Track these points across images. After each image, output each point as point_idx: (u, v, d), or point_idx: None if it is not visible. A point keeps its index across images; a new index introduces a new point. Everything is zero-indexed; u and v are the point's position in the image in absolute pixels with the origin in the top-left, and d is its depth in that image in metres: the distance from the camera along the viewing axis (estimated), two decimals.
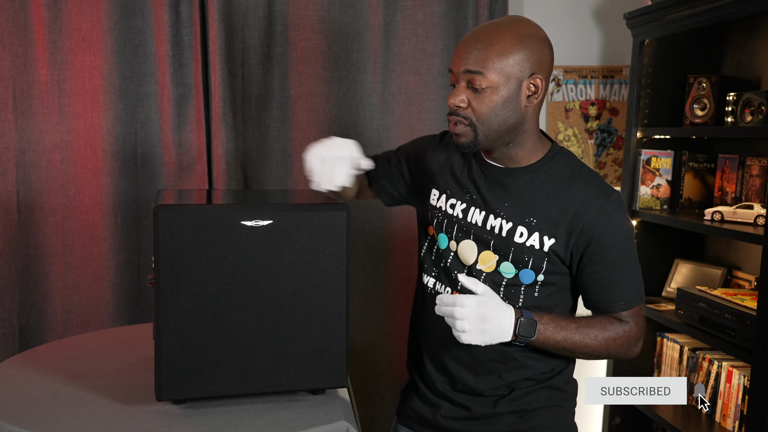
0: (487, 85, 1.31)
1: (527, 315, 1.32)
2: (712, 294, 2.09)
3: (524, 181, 1.39)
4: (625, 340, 1.39)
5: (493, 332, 1.29)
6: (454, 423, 1.48)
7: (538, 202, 1.37)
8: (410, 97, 2.41)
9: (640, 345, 1.42)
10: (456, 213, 1.45)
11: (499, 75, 1.31)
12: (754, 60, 2.28)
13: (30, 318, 2.28)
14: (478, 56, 1.31)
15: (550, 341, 1.34)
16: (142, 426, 1.22)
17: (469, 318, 1.27)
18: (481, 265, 1.41)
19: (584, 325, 1.37)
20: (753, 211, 2.04)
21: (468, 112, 1.33)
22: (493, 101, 1.32)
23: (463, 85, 1.33)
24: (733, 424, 2.07)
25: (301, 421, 1.26)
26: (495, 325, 1.29)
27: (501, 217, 1.39)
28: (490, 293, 1.32)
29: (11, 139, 2.21)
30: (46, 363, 1.51)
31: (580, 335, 1.35)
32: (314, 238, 1.29)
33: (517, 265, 1.38)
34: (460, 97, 1.33)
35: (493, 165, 1.42)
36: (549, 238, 1.36)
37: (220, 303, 1.27)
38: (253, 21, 2.31)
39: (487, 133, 1.34)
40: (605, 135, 2.68)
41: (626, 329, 1.39)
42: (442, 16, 2.38)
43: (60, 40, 2.21)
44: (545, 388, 1.45)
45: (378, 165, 1.62)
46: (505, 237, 1.38)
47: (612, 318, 1.40)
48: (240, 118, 2.35)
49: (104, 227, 2.29)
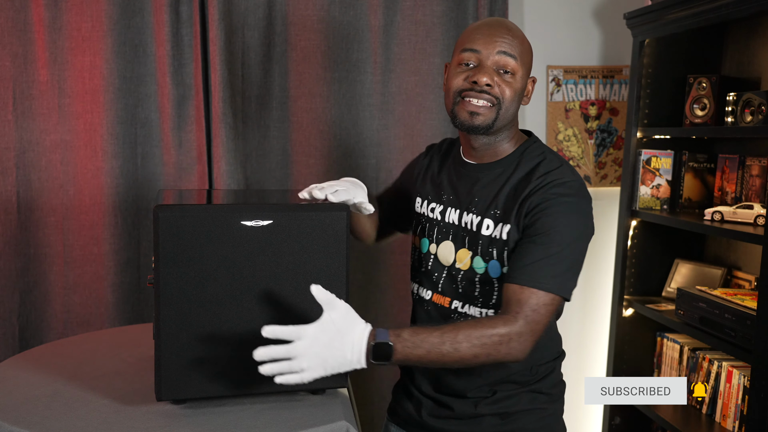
0: (516, 70, 1.36)
1: (382, 337, 1.20)
2: (712, 294, 2.09)
3: (495, 174, 1.41)
4: (505, 336, 1.23)
5: (334, 362, 1.18)
6: (438, 422, 1.49)
7: (503, 193, 1.38)
8: (410, 97, 2.41)
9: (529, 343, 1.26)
10: (435, 216, 1.48)
11: (523, 65, 1.38)
12: (754, 60, 2.27)
13: (30, 318, 2.29)
14: (512, 43, 1.36)
15: (411, 357, 1.22)
16: (142, 426, 1.22)
17: (305, 354, 1.16)
18: (458, 264, 1.43)
19: (450, 331, 1.23)
20: (753, 211, 2.04)
21: (496, 92, 1.35)
22: (517, 88, 1.37)
23: (492, 67, 1.35)
24: (733, 424, 2.07)
25: (301, 421, 1.26)
26: (338, 353, 1.18)
27: (472, 212, 1.41)
28: (341, 314, 1.20)
29: (11, 139, 2.21)
30: (46, 363, 1.51)
31: (449, 343, 1.22)
32: (314, 238, 1.29)
33: (485, 258, 1.39)
34: (492, 76, 1.35)
35: (469, 163, 1.45)
36: (505, 224, 1.36)
37: (220, 303, 1.27)
38: (253, 21, 2.31)
39: (504, 118, 1.37)
40: (605, 135, 2.68)
41: (508, 324, 1.24)
42: (442, 16, 2.38)
43: (60, 40, 2.21)
44: (528, 392, 1.45)
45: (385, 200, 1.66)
46: (475, 231, 1.40)
47: (489, 317, 1.32)
48: (240, 118, 2.35)
49: (104, 227, 2.29)
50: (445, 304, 1.46)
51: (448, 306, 1.45)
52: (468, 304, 1.43)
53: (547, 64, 2.62)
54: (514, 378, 1.43)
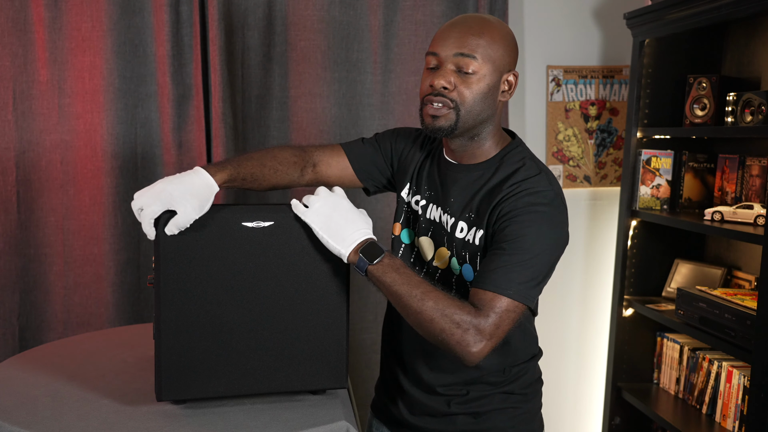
0: (477, 70, 1.32)
1: (379, 245, 1.26)
2: (712, 294, 2.09)
3: (474, 177, 1.40)
4: (466, 325, 1.20)
5: (334, 231, 1.26)
6: (416, 419, 1.49)
7: (477, 197, 1.37)
8: (410, 97, 2.41)
9: (485, 347, 1.21)
10: (418, 209, 1.47)
11: (488, 63, 1.33)
12: (754, 60, 2.28)
13: (30, 318, 2.29)
14: (472, 41, 1.32)
15: (385, 278, 1.24)
16: (142, 426, 1.22)
17: (324, 198, 1.28)
18: (437, 262, 1.42)
19: (429, 287, 1.24)
20: (753, 211, 2.04)
21: (454, 95, 1.33)
22: (479, 88, 1.33)
23: (451, 69, 1.33)
24: (733, 424, 2.07)
25: (301, 421, 1.26)
26: (341, 225, 1.26)
27: (448, 213, 1.40)
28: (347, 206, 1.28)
29: (11, 139, 2.21)
30: (46, 363, 1.51)
31: (421, 292, 1.22)
32: (315, 239, 1.29)
33: (460, 261, 1.38)
34: (448, 79, 1.32)
35: (451, 162, 1.44)
36: (478, 230, 1.35)
37: (220, 303, 1.27)
38: (253, 21, 2.31)
39: (467, 119, 1.34)
40: (605, 135, 2.68)
41: (475, 317, 1.21)
42: (442, 16, 2.38)
43: (60, 40, 2.21)
44: (501, 393, 1.45)
45: (360, 151, 1.54)
46: (450, 233, 1.39)
47: (466, 302, 1.26)
48: (240, 118, 2.35)
49: (104, 227, 2.29)
50: None
51: None
52: None
53: (547, 64, 2.62)
54: (486, 379, 1.43)
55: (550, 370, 2.75)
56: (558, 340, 2.71)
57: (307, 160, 1.48)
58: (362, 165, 1.54)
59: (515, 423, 1.47)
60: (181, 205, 1.21)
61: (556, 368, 2.71)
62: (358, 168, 1.54)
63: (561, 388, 2.74)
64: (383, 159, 1.55)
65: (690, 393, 2.30)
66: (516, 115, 2.62)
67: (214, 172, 1.27)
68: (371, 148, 1.55)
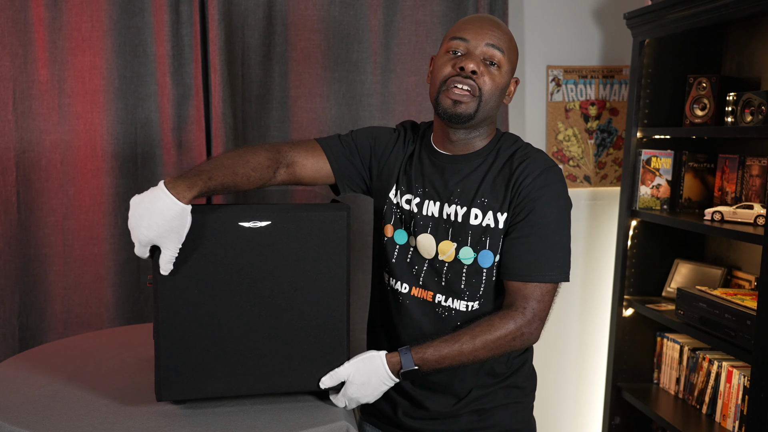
0: (502, 65, 1.37)
1: (407, 364, 1.31)
2: (712, 294, 2.09)
3: (475, 165, 1.42)
4: (516, 332, 1.32)
5: (373, 391, 1.33)
6: (414, 422, 1.49)
7: (487, 182, 1.39)
8: (410, 97, 2.41)
9: (540, 327, 1.35)
10: (412, 208, 1.46)
11: (508, 62, 1.39)
12: (754, 60, 2.28)
13: (30, 318, 2.29)
14: (501, 37, 1.37)
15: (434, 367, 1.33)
16: (142, 426, 1.22)
17: (355, 382, 1.32)
18: (442, 256, 1.42)
19: (468, 341, 1.32)
20: (753, 211, 2.04)
21: (480, 81, 1.35)
22: (501, 82, 1.38)
23: (479, 56, 1.35)
24: (733, 424, 2.07)
25: (301, 421, 1.26)
26: (373, 388, 1.33)
27: (455, 203, 1.41)
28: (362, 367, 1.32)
29: (11, 139, 2.21)
30: (46, 363, 1.51)
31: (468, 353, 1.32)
32: (314, 238, 1.29)
33: (476, 248, 1.39)
34: (478, 64, 1.35)
35: (443, 154, 1.45)
36: (501, 213, 1.37)
37: (220, 303, 1.27)
38: (253, 21, 2.31)
39: (484, 110, 1.37)
40: (605, 135, 2.68)
41: (516, 319, 1.33)
42: (442, 16, 2.38)
43: (60, 40, 2.21)
44: (504, 387, 1.46)
45: (338, 149, 1.51)
46: (461, 222, 1.40)
47: (497, 314, 1.35)
48: (240, 118, 2.35)
49: (104, 227, 2.29)
50: (428, 298, 1.44)
51: (431, 300, 1.43)
52: (452, 298, 1.42)
53: (547, 64, 2.62)
54: (492, 369, 1.44)
55: (550, 370, 2.76)
56: (558, 340, 2.71)
57: (281, 161, 1.42)
58: (340, 164, 1.51)
59: (517, 419, 1.49)
60: (161, 246, 1.19)
61: (556, 368, 2.71)
62: (337, 167, 1.50)
63: (561, 388, 2.74)
64: (360, 159, 1.53)
65: (690, 393, 2.30)
66: (516, 115, 2.62)
67: (182, 190, 1.18)
68: (349, 147, 1.52)
